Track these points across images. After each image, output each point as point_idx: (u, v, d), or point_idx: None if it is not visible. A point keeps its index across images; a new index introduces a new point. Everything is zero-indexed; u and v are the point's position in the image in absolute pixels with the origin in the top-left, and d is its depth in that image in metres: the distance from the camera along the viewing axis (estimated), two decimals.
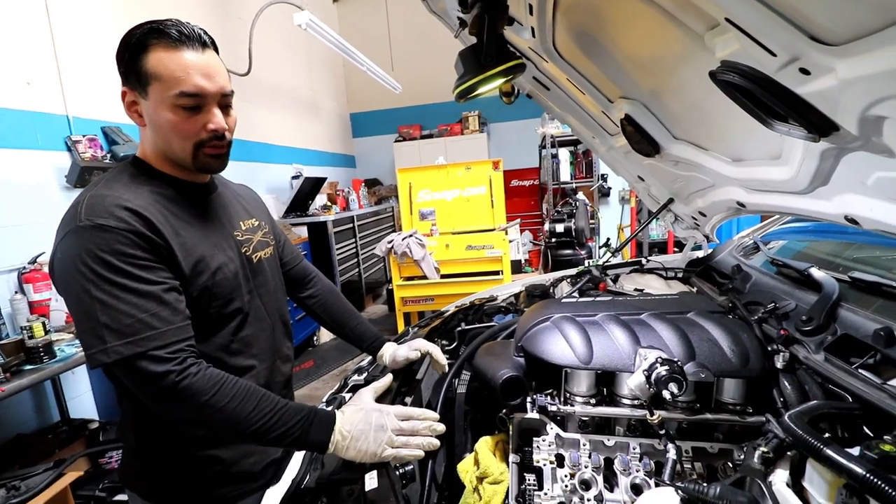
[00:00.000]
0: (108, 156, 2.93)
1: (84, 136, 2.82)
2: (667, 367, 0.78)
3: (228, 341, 0.92)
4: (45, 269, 2.48)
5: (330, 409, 0.89)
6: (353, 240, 5.29)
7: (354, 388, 1.24)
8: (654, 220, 1.68)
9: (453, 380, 1.22)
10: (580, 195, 4.25)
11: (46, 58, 2.70)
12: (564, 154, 4.70)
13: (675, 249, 4.07)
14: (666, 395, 0.76)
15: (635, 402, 0.88)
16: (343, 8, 7.33)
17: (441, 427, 0.93)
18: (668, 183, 1.54)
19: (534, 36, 1.19)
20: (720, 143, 1.07)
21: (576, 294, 1.41)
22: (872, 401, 0.66)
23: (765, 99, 0.64)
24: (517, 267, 3.53)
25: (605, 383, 0.93)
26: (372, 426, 0.85)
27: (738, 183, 1.11)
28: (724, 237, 1.77)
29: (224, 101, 0.86)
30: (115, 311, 0.74)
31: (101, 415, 2.73)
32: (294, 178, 4.94)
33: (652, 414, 0.80)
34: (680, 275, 1.60)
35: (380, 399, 0.97)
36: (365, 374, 1.28)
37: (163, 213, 0.84)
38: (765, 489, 0.57)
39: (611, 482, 0.84)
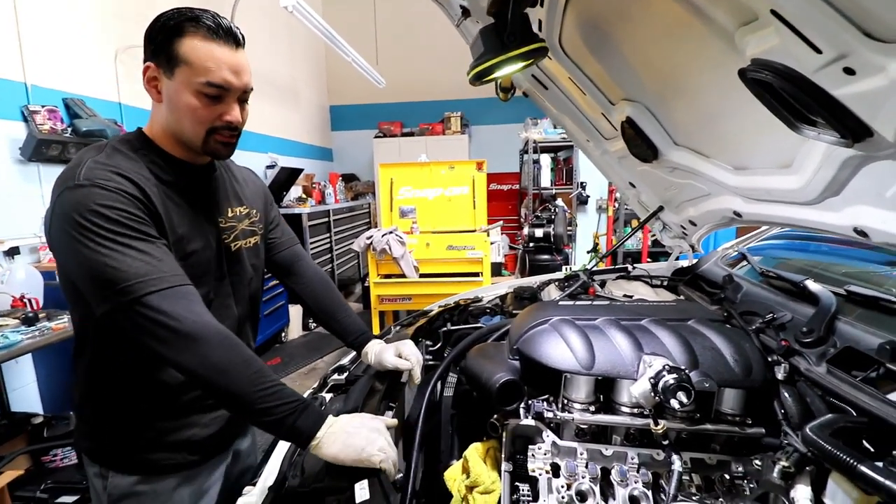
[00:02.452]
0: (69, 129, 2.73)
1: (43, 106, 2.61)
2: (675, 376, 0.75)
3: None
4: None
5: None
6: (328, 235, 5.16)
7: (335, 388, 1.17)
8: (640, 228, 1.67)
9: (437, 382, 1.17)
10: (559, 201, 4.27)
11: (4, 17, 2.49)
12: (546, 160, 4.73)
13: (648, 259, 4.15)
14: (674, 404, 0.73)
15: (635, 410, 0.85)
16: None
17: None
18: (660, 190, 1.54)
19: (539, 31, 1.16)
20: (724, 150, 1.06)
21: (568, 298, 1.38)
22: (881, 415, 0.65)
23: (795, 100, 0.62)
24: (497, 269, 3.51)
25: (604, 390, 0.90)
26: (366, 426, 0.83)
27: (737, 192, 1.10)
28: (707, 249, 1.79)
29: (243, 97, 0.91)
30: (123, 256, 0.76)
31: (46, 408, 2.52)
32: (269, 167, 4.77)
33: (657, 423, 0.77)
34: (665, 283, 1.60)
35: (367, 400, 0.92)
36: (346, 374, 1.21)
37: (157, 187, 0.87)
38: None
39: (607, 493, 0.81)
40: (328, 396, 1.10)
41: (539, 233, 3.69)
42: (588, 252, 3.73)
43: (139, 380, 0.93)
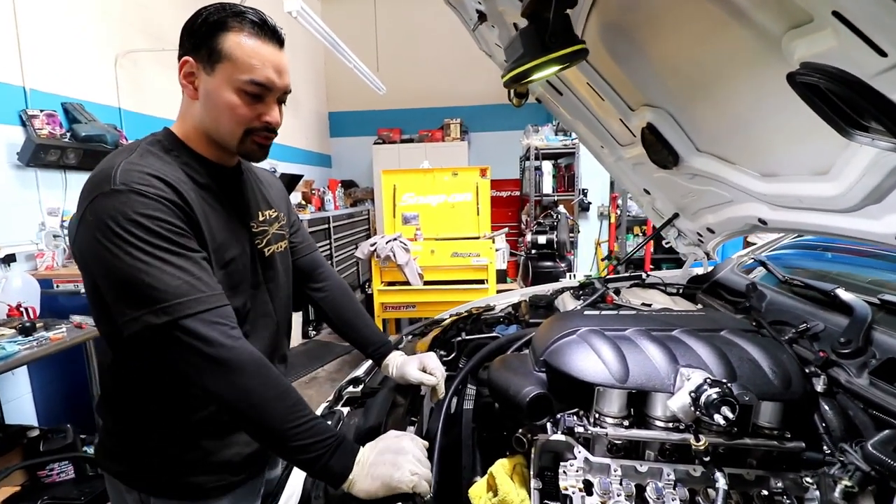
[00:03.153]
0: (68, 134, 2.68)
1: (42, 110, 2.57)
2: (717, 390, 0.72)
3: None
4: None
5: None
6: (328, 241, 5.12)
7: (350, 402, 1.13)
8: (659, 234, 1.66)
9: (454, 395, 1.14)
10: (561, 208, 4.26)
11: (4, 21, 2.45)
12: (548, 167, 4.73)
13: (651, 267, 4.14)
14: (718, 419, 0.71)
15: (670, 424, 0.83)
16: (328, 6, 7.18)
17: None
18: (676, 197, 1.52)
19: None
20: (752, 157, 1.04)
21: (592, 307, 1.36)
22: None
23: (849, 105, 0.60)
24: (502, 277, 3.48)
25: (636, 404, 0.87)
26: (391, 450, 0.79)
27: (763, 199, 1.08)
28: (723, 256, 1.77)
29: (282, 98, 0.89)
30: (161, 272, 0.72)
31: (41, 421, 2.45)
32: (269, 173, 4.72)
33: (698, 439, 0.74)
34: (682, 291, 1.58)
35: (390, 415, 0.88)
36: (362, 386, 1.17)
37: (194, 191, 0.83)
38: None
39: None
40: (345, 410, 1.06)
41: (542, 239, 3.67)
42: (603, 259, 3.72)
43: (181, 397, 0.87)
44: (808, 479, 0.68)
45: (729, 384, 0.74)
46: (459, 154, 6.83)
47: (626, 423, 0.83)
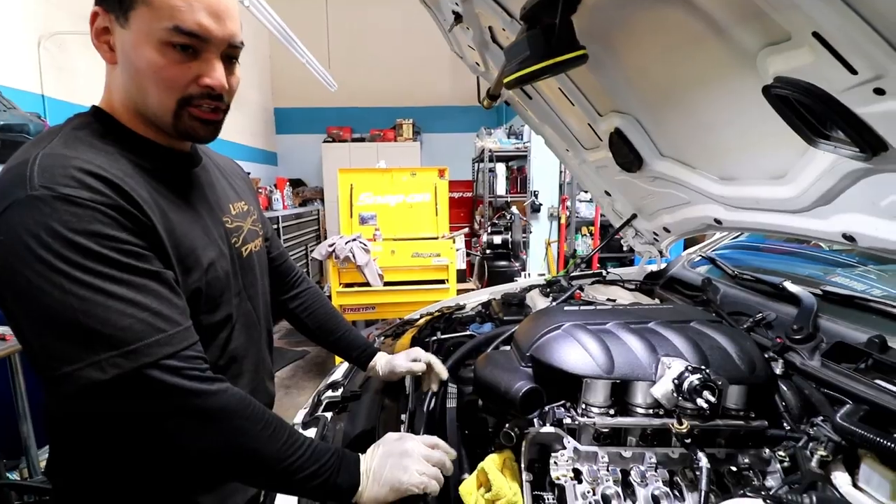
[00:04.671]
0: None
1: None
2: (698, 376, 0.78)
3: (217, 357, 0.74)
4: None
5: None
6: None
7: (331, 406, 1.10)
8: (616, 233, 1.75)
9: (435, 395, 1.14)
10: (514, 209, 4.38)
11: None
12: (501, 169, 4.84)
13: (598, 266, 4.35)
14: (701, 403, 0.76)
15: (650, 411, 0.88)
16: None
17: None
18: (636, 199, 1.61)
19: None
20: (711, 162, 1.13)
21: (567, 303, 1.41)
22: (881, 402, 0.72)
23: (815, 116, 0.67)
24: (461, 277, 3.52)
25: (618, 393, 0.92)
26: (395, 453, 0.74)
27: (721, 200, 1.17)
28: (674, 254, 1.90)
29: (230, 53, 0.68)
30: (105, 311, 0.55)
31: None
32: (227, 158, 4.45)
33: (681, 423, 0.80)
34: (638, 286, 1.67)
35: (388, 417, 0.86)
36: (341, 390, 1.14)
37: (146, 187, 0.64)
38: (840, 493, 0.58)
39: (625, 495, 0.82)
40: (328, 415, 1.03)
41: (498, 240, 3.76)
42: (568, 258, 3.85)
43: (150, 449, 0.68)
44: (781, 453, 0.74)
45: (707, 370, 0.81)
46: (412, 155, 6.83)
47: (611, 411, 0.88)
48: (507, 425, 0.94)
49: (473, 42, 1.49)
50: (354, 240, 2.90)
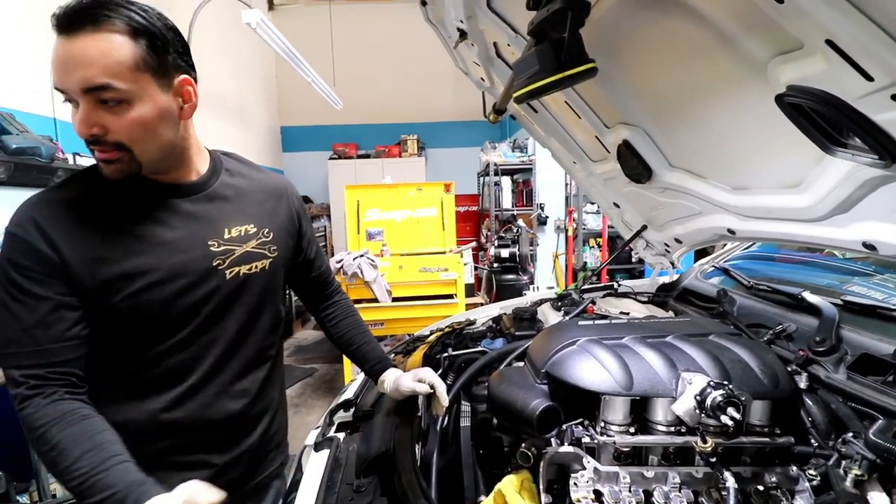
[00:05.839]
0: None
1: None
2: (722, 392, 0.76)
3: (146, 367, 0.84)
4: None
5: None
6: None
7: (342, 427, 1.08)
8: (627, 245, 1.73)
9: (447, 414, 1.12)
10: (520, 222, 4.37)
11: None
12: (507, 182, 4.85)
13: (607, 277, 4.32)
14: (725, 420, 0.74)
15: (672, 428, 0.85)
16: (279, 18, 7.05)
17: None
18: (645, 210, 1.60)
19: None
20: (723, 171, 1.12)
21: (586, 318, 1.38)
22: None
23: (830, 124, 0.66)
24: (469, 291, 3.50)
25: (637, 410, 0.89)
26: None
27: (733, 210, 1.16)
28: (686, 265, 1.88)
29: (100, 97, 0.70)
30: (1, 322, 0.75)
31: None
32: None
33: (705, 441, 0.77)
34: (651, 299, 1.65)
35: (402, 438, 0.85)
36: (353, 409, 1.12)
37: (87, 222, 0.78)
38: None
39: None
40: (341, 436, 1.01)
41: (505, 253, 3.74)
42: (578, 271, 3.83)
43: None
44: (811, 472, 0.72)
45: (730, 385, 0.78)
46: (417, 170, 6.87)
47: (632, 429, 0.85)
48: (523, 445, 0.92)
49: (478, 58, 1.51)
50: (362, 256, 2.91)
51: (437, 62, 7.51)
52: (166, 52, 0.75)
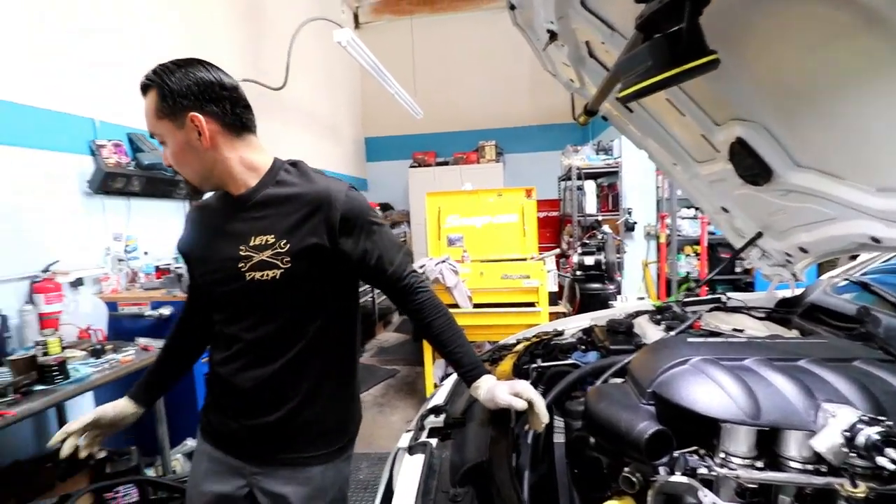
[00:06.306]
0: (133, 163, 2.82)
1: (109, 140, 2.71)
2: (879, 429, 0.64)
3: (216, 324, 1.12)
4: (59, 279, 2.32)
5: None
6: None
7: (433, 432, 1.08)
8: (739, 255, 1.57)
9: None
10: (606, 228, 4.16)
11: (77, 61, 2.62)
12: (591, 186, 4.65)
13: (706, 290, 3.96)
14: (882, 462, 0.63)
15: (808, 466, 0.74)
16: (365, 35, 7.46)
17: None
18: (762, 216, 1.44)
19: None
20: (866, 171, 0.97)
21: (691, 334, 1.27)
22: None
23: None
24: (553, 299, 3.39)
25: (766, 442, 0.79)
26: None
27: (879, 215, 1.00)
28: (809, 278, 1.66)
29: (158, 139, 1.01)
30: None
31: (108, 443, 2.50)
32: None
33: (855, 484, 0.66)
34: (769, 315, 1.47)
35: (497, 451, 0.82)
36: (444, 415, 1.12)
37: (199, 218, 1.15)
38: None
39: None
40: (433, 441, 1.01)
41: (589, 260, 3.57)
42: (674, 280, 3.59)
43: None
44: None
45: (888, 422, 0.66)
46: (495, 175, 6.85)
47: (759, 463, 0.76)
48: (626, 469, 0.85)
49: (569, 59, 1.46)
50: (444, 261, 2.94)
51: (512, 68, 7.48)
52: (173, 98, 0.94)
